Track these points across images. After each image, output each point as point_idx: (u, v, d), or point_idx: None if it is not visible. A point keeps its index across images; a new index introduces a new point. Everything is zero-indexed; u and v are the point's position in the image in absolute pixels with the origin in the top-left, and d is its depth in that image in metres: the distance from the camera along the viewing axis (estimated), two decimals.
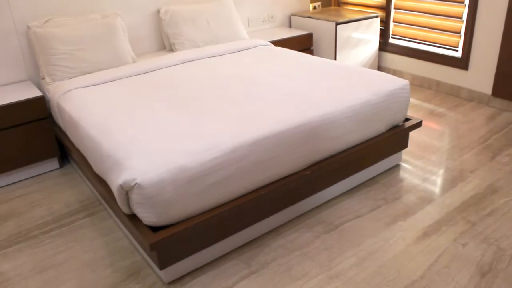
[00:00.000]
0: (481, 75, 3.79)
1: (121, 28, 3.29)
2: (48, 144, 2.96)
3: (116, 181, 1.86)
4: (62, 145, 3.07)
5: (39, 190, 2.85)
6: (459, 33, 3.90)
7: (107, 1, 3.40)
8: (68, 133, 2.71)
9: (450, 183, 2.68)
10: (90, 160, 2.31)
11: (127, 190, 1.83)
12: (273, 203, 2.25)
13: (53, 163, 3.08)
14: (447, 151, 3.07)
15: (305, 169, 2.28)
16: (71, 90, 2.80)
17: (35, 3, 3.11)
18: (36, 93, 2.91)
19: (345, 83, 2.67)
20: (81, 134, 2.38)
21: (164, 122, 2.23)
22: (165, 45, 3.70)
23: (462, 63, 3.90)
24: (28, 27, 3.06)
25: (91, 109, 2.50)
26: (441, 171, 2.82)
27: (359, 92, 2.54)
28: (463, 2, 3.79)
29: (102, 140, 2.13)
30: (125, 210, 1.91)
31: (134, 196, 1.80)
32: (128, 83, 2.89)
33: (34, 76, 3.22)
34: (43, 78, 3.08)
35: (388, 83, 2.67)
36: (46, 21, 3.11)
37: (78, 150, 2.58)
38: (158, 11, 3.61)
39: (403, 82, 2.71)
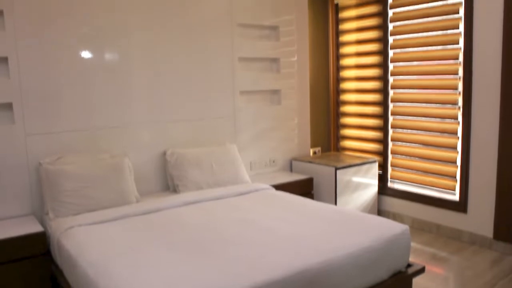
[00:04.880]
0: (481, 218, 3.82)
1: (127, 168, 3.42)
2: (41, 283, 2.88)
3: None
4: (56, 283, 2.99)
5: None
6: (455, 177, 4.02)
7: (117, 141, 3.58)
8: (65, 271, 2.67)
9: None
10: None
11: None
12: None
13: None
14: None
15: None
16: (73, 227, 2.82)
17: (49, 142, 3.28)
18: (37, 228, 2.92)
19: (345, 229, 2.69)
20: (78, 272, 2.35)
21: (163, 265, 2.21)
22: (169, 185, 3.80)
23: (460, 206, 3.96)
24: (40, 164, 3.19)
25: (91, 247, 2.50)
26: None
27: (359, 238, 2.54)
28: (456, 148, 3.97)
29: (99, 281, 2.11)
30: None
31: None
32: (130, 223, 2.92)
33: (38, 211, 3.26)
34: (47, 213, 3.12)
35: (388, 229, 2.69)
36: (57, 159, 3.25)
37: None
38: (165, 153, 3.78)
39: (403, 227, 2.72)
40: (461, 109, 3.91)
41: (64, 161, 3.25)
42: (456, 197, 4.04)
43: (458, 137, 3.96)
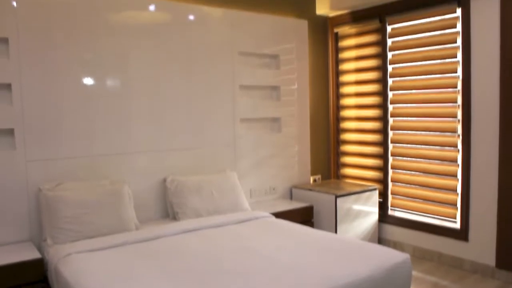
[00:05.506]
0: (483, 246, 3.78)
1: (127, 195, 3.41)
2: None
3: None
4: None
5: None
6: (456, 205, 4.00)
7: (117, 168, 3.59)
8: None
9: None
10: None
11: None
12: None
13: None
14: None
15: None
16: (71, 254, 2.79)
17: (49, 168, 3.29)
18: (34, 255, 2.89)
19: (345, 258, 2.67)
20: None
21: None
22: (169, 213, 3.78)
23: (461, 234, 3.93)
24: (40, 190, 3.19)
25: (89, 275, 2.47)
26: None
27: (359, 267, 2.52)
28: (456, 176, 3.97)
29: None
30: None
31: None
32: (129, 250, 2.90)
33: (36, 237, 3.24)
34: (45, 240, 3.09)
35: (389, 257, 2.67)
36: (57, 185, 3.25)
37: None
38: (165, 180, 3.78)
39: (404, 256, 2.70)
40: (460, 137, 3.92)
41: (63, 187, 3.25)
42: (457, 225, 4.01)
43: (458, 165, 3.96)
